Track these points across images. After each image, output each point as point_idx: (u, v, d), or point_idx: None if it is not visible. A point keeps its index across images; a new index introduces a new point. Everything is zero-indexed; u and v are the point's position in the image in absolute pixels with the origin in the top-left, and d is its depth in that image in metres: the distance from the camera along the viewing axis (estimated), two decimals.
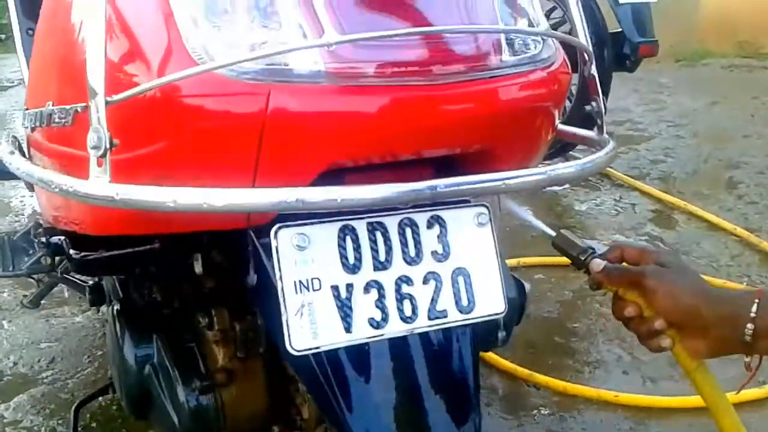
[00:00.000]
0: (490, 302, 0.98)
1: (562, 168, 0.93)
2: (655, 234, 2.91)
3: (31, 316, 2.30)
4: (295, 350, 0.87)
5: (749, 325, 0.85)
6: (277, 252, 0.87)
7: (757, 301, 0.86)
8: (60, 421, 1.83)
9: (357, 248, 0.92)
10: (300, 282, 0.88)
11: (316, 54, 0.79)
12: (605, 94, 3.26)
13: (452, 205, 0.98)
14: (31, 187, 1.37)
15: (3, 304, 2.40)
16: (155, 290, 1.28)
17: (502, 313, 0.99)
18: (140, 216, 0.83)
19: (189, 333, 1.25)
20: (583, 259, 0.99)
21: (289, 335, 0.87)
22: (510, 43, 0.92)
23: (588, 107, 1.01)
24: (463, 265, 0.97)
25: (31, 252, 1.40)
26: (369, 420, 0.93)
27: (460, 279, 0.97)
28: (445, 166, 0.98)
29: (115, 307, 1.30)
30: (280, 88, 0.78)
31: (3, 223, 3.14)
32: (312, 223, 0.89)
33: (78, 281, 1.55)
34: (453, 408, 0.98)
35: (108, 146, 0.75)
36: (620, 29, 3.14)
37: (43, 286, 1.85)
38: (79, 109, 0.84)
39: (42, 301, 1.96)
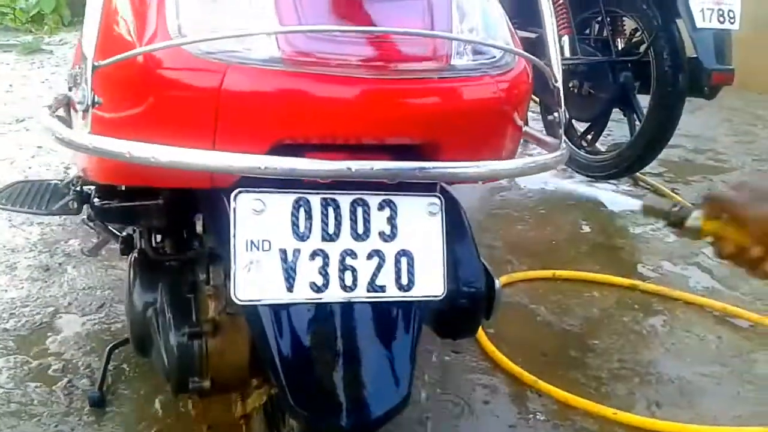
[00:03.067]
0: (430, 285, 1.07)
1: (503, 164, 1.01)
2: (705, 265, 2.85)
3: (93, 265, 2.54)
4: (239, 300, 0.99)
5: None
6: (234, 213, 1.00)
7: None
8: (96, 359, 2.03)
9: (309, 219, 1.03)
10: (251, 241, 1.00)
11: (273, 41, 0.91)
12: (676, 118, 3.22)
13: (406, 192, 1.07)
14: None
15: (72, 252, 2.67)
16: (165, 244, 1.43)
17: (440, 296, 1.07)
18: (121, 167, 0.98)
19: (188, 285, 1.40)
20: (676, 211, 1.02)
21: (235, 286, 0.99)
22: (465, 48, 1.00)
23: (550, 117, 1.07)
24: (408, 247, 1.06)
25: (65, 197, 1.59)
26: (301, 373, 1.03)
27: (403, 260, 1.06)
28: (406, 156, 1.08)
29: (133, 256, 1.46)
30: (236, 68, 0.91)
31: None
32: (270, 192, 1.01)
33: (116, 232, 1.74)
34: (383, 379, 1.07)
35: (90, 103, 0.89)
36: (696, 55, 3.09)
37: (102, 238, 2.07)
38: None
39: (103, 252, 2.18)
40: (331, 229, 1.04)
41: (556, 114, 1.09)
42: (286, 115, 0.94)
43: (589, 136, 3.74)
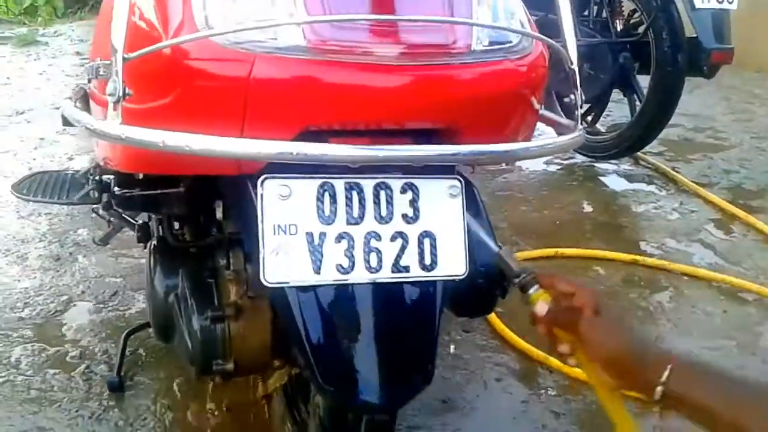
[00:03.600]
0: (452, 264, 1.10)
1: (524, 146, 1.04)
2: (708, 242, 2.89)
3: (103, 254, 2.56)
4: (268, 282, 1.02)
5: (659, 388, 0.94)
6: (261, 199, 1.02)
7: (669, 367, 0.94)
8: (112, 345, 2.07)
9: (333, 203, 1.06)
10: (279, 226, 1.03)
11: (299, 30, 0.94)
12: (676, 98, 3.24)
13: (427, 175, 1.10)
14: None
15: (81, 241, 2.69)
16: (185, 231, 1.45)
17: (462, 275, 1.11)
18: (149, 156, 1.00)
19: (209, 271, 1.42)
20: (521, 277, 1.10)
21: (264, 269, 1.02)
22: (485, 34, 1.03)
23: (567, 99, 1.10)
24: (430, 228, 1.09)
25: (85, 187, 1.62)
26: (329, 352, 1.07)
27: (426, 241, 1.09)
28: (426, 140, 1.10)
29: (153, 244, 1.49)
30: (263, 57, 0.93)
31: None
32: (296, 178, 1.04)
33: (132, 221, 1.76)
34: (409, 356, 1.10)
35: (121, 95, 0.91)
36: (695, 35, 3.11)
37: (112, 226, 2.09)
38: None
39: (112, 241, 2.20)
40: (355, 213, 1.06)
41: (572, 96, 1.11)
42: (312, 102, 0.96)
43: (590, 117, 3.76)
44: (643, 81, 3.38)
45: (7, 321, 2.17)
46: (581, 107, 1.11)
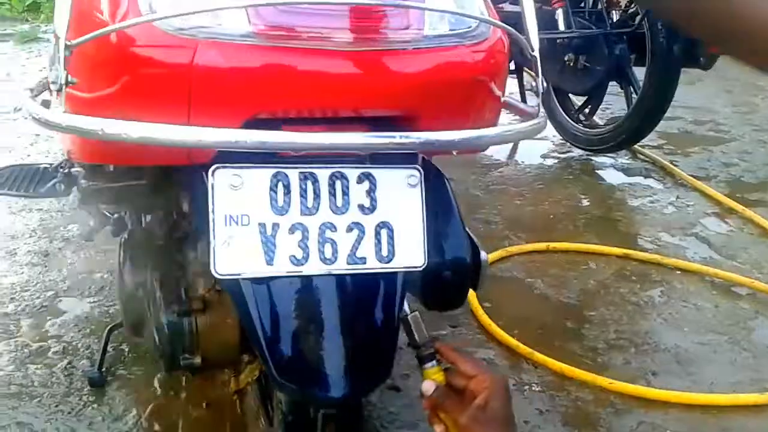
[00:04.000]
0: (410, 256, 1.08)
1: (479, 132, 1.01)
2: (703, 235, 2.85)
3: (91, 250, 2.56)
4: (218, 273, 1.00)
5: None
6: (212, 189, 1.00)
7: None
8: (96, 340, 2.06)
9: (287, 193, 1.04)
10: (230, 216, 1.01)
11: (243, 15, 0.92)
12: (672, 89, 3.19)
13: (385, 165, 1.08)
14: None
15: (71, 237, 2.69)
16: (151, 225, 1.44)
17: (420, 266, 1.08)
18: (100, 147, 0.99)
19: (177, 264, 1.41)
20: (421, 349, 1.11)
21: (214, 261, 1.00)
22: (439, 19, 1.00)
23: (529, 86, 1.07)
24: (387, 219, 1.07)
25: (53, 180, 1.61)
26: (285, 346, 1.05)
27: (383, 231, 1.07)
28: (384, 129, 1.08)
29: (123, 237, 1.48)
30: (207, 43, 0.91)
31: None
32: (248, 167, 1.02)
33: (107, 215, 1.75)
34: (368, 349, 1.08)
35: (64, 82, 0.90)
36: None
37: (94, 223, 2.08)
38: None
39: (101, 237, 2.19)
40: (309, 203, 1.04)
41: (534, 83, 1.09)
42: (259, 89, 0.94)
43: (587, 110, 3.72)
44: (640, 73, 3.34)
45: None
46: (542, 94, 1.09)
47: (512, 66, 3.39)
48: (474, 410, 1.01)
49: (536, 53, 1.09)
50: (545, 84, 1.08)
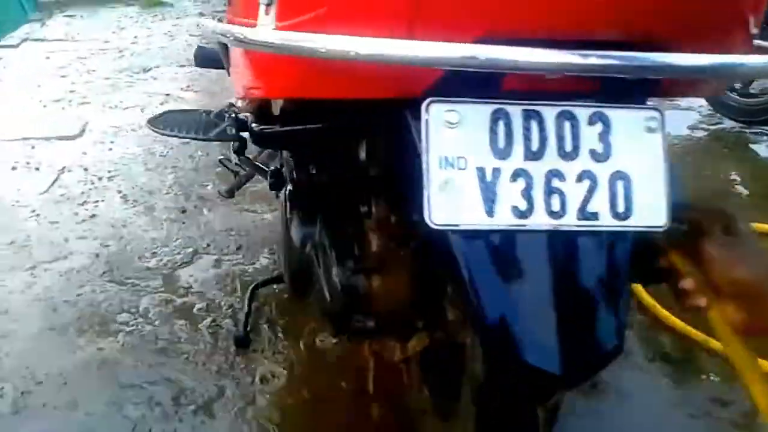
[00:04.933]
0: (650, 213, 0.91)
1: (745, 60, 0.83)
2: None
3: (228, 208, 2.51)
4: (434, 224, 0.86)
5: None
6: (426, 125, 0.87)
7: None
8: (237, 299, 2.00)
9: (509, 134, 0.89)
10: (446, 158, 0.87)
11: None
12: None
13: (620, 105, 0.91)
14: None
15: (206, 195, 2.65)
16: (324, 175, 1.33)
17: (662, 226, 0.91)
18: (298, 77, 0.87)
19: (350, 218, 1.29)
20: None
21: (429, 209, 0.86)
22: None
23: None
24: (623, 169, 0.91)
25: (221, 125, 1.52)
26: (504, 311, 0.90)
27: (619, 183, 0.90)
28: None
29: (288, 189, 1.38)
30: None
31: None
32: (465, 102, 0.88)
33: (262, 167, 1.66)
34: (596, 321, 0.93)
35: None
36: None
37: (238, 178, 2.01)
38: None
39: (236, 196, 2.14)
40: (534, 146, 0.89)
41: None
42: (492, 4, 0.79)
43: None
44: None
45: (136, 270, 2.15)
46: None
47: None
48: (718, 235, 0.89)
49: None
50: None
